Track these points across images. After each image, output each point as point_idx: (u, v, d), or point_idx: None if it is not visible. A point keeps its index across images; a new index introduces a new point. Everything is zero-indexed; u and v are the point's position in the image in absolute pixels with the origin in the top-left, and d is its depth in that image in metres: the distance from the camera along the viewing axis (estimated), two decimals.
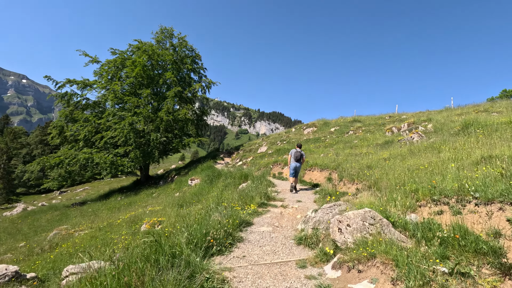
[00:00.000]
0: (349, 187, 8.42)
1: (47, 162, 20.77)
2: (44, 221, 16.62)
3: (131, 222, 8.48)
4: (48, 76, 22.74)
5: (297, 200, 7.84)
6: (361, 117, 26.42)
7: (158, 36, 28.13)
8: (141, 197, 17.87)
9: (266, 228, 5.41)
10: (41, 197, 52.11)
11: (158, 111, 23.96)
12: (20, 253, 7.95)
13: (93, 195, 31.76)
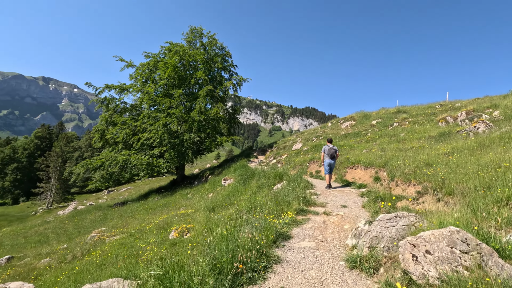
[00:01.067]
0: (404, 188, 7.11)
1: (90, 165, 21.79)
2: (88, 221, 17.32)
3: (161, 228, 8.07)
4: (89, 83, 23.89)
5: (342, 205, 6.74)
6: (405, 107, 23.99)
7: (188, 37, 28.24)
8: (176, 198, 17.84)
9: (307, 243, 4.47)
10: (92, 196, 56.25)
11: (190, 111, 23.98)
12: (55, 259, 7.96)
13: (134, 195, 33.13)
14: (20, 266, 8.22)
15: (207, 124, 23.29)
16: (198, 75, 24.47)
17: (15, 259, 9.45)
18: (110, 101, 24.73)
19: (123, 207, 21.00)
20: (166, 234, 7.20)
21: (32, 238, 14.92)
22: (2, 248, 12.87)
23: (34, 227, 20.31)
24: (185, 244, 5.77)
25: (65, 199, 56.12)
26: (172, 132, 22.22)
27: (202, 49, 27.54)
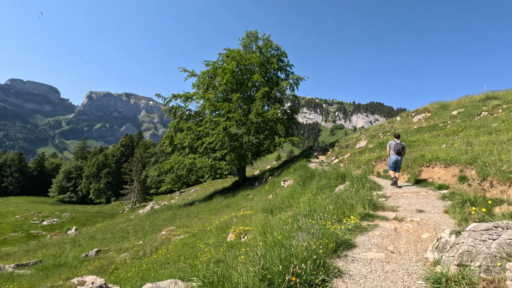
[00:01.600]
0: (502, 190, 5.73)
1: (161, 168, 23.95)
2: (161, 220, 18.97)
3: (220, 229, 8.19)
4: (158, 94, 26.35)
5: (417, 209, 5.77)
6: (497, 93, 20.12)
7: (244, 41, 28.91)
8: (238, 199, 18.24)
9: (375, 254, 3.84)
10: (166, 197, 62.14)
11: (248, 113, 24.40)
12: (131, 254, 8.80)
13: (201, 195, 35.29)
14: (104, 258, 9.32)
15: (265, 126, 23.39)
16: (254, 78, 24.80)
17: (102, 252, 10.80)
18: (176, 109, 26.87)
19: (191, 207, 22.46)
20: (225, 235, 7.24)
21: (117, 233, 17.00)
22: (94, 242, 14.95)
23: (119, 224, 23.18)
24: (241, 247, 5.65)
25: (145, 199, 63.28)
26: (232, 135, 22.92)
27: (258, 52, 27.86)
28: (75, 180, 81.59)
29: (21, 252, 15.09)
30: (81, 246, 13.98)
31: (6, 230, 38.69)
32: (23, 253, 14.61)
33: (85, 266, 8.63)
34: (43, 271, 8.95)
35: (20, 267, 10.07)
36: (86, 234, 19.96)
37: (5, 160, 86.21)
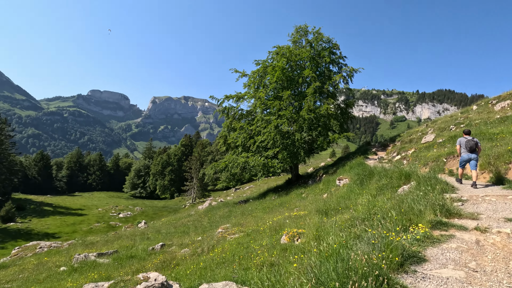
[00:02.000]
0: None
1: (217, 167, 25.01)
2: (218, 217, 19.81)
3: (274, 230, 8.11)
4: (212, 96, 27.52)
5: (506, 217, 4.83)
6: None
7: (294, 37, 28.34)
8: (291, 198, 18.01)
9: (452, 271, 3.30)
10: (222, 193, 65.02)
11: (300, 110, 23.89)
12: (191, 249, 9.32)
13: (255, 193, 35.92)
14: (167, 253, 10.07)
15: (317, 122, 22.63)
16: (305, 73, 24.14)
17: (166, 246, 11.71)
18: (229, 109, 27.71)
19: (245, 204, 22.98)
20: (278, 237, 7.14)
21: (179, 228, 18.30)
22: (159, 235, 16.33)
23: (181, 219, 24.95)
24: (295, 251, 5.47)
25: (203, 195, 67.22)
26: (284, 133, 22.72)
27: (308, 46, 27.04)
28: (144, 177, 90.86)
29: (102, 242, 17.33)
30: (149, 239, 15.42)
31: (91, 220, 45.06)
32: (103, 243, 16.74)
33: (151, 259, 9.44)
34: (118, 261, 10.09)
35: (101, 256, 11.54)
36: (153, 228, 21.97)
37: (89, 160, 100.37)
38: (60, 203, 58.95)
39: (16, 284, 9.95)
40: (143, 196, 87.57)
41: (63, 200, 63.68)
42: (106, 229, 38.41)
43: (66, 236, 35.15)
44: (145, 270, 7.70)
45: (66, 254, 15.18)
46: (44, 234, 36.54)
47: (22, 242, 30.90)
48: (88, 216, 48.02)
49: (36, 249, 19.76)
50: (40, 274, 10.74)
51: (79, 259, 11.52)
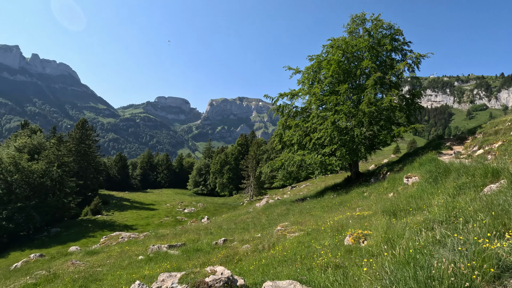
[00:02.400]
0: None
1: (273, 165, 25.15)
2: (275, 214, 19.94)
3: (335, 230, 7.78)
4: (266, 95, 27.75)
5: None
6: None
7: (350, 27, 26.86)
8: (352, 196, 17.13)
9: None
10: (279, 191, 65.34)
11: (358, 104, 22.54)
12: (252, 246, 9.55)
13: (312, 191, 35.15)
14: (230, 248, 10.50)
15: (379, 116, 21.07)
16: (363, 65, 22.66)
17: (228, 241, 12.23)
18: (283, 107, 27.61)
19: (303, 203, 22.65)
20: (341, 238, 6.82)
21: (239, 225, 18.96)
22: (221, 231, 17.16)
23: (240, 215, 25.80)
24: (362, 253, 5.15)
25: (260, 193, 68.49)
26: (341, 129, 21.72)
27: (366, 35, 25.31)
28: (205, 176, 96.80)
29: (171, 235, 18.99)
30: (212, 234, 16.33)
31: (161, 215, 49.77)
32: (172, 236, 18.32)
33: (215, 253, 9.96)
34: (186, 254, 10.93)
35: (171, 248, 12.65)
36: (215, 223, 23.20)
37: (158, 160, 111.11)
38: (135, 199, 66.56)
39: (105, 268, 11.55)
40: (204, 193, 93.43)
41: (138, 196, 71.74)
42: (174, 223, 42.02)
43: (141, 228, 39.53)
44: (210, 263, 8.16)
45: (142, 244, 17.04)
46: (124, 225, 41.67)
47: (107, 232, 35.82)
48: (158, 211, 53.16)
49: (118, 238, 22.66)
50: (123, 261, 12.26)
51: (154, 249, 12.82)
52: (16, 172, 38.46)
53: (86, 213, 49.12)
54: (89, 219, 45.42)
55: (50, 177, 42.91)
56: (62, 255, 19.03)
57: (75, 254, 18.22)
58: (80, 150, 61.66)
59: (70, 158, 54.44)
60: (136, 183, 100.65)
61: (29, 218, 37.44)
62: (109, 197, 65.20)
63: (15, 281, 12.40)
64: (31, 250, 31.04)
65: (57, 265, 14.17)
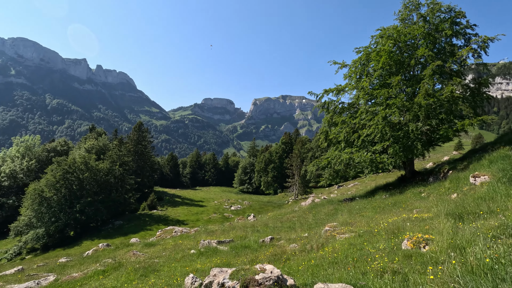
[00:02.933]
0: None
1: (319, 164, 24.47)
2: (323, 214, 19.39)
3: (391, 233, 7.23)
4: (311, 92, 27.13)
5: None
6: None
7: (402, 14, 24.89)
8: (407, 197, 15.85)
9: None
10: (325, 190, 63.57)
11: (413, 97, 20.77)
12: (299, 245, 9.40)
13: (361, 191, 33.43)
14: (277, 246, 10.49)
15: (438, 108, 19.12)
16: (418, 54, 20.79)
17: (274, 239, 12.24)
18: (329, 104, 26.68)
19: (352, 203, 21.66)
20: (398, 241, 6.32)
21: (285, 223, 18.86)
22: (268, 229, 17.24)
23: (286, 214, 25.67)
24: (424, 260, 4.70)
25: (305, 192, 67.40)
26: (394, 125, 20.24)
27: (422, 21, 23.18)
28: (250, 174, 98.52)
29: (219, 231, 19.69)
30: (258, 231, 16.51)
31: (210, 211, 51.99)
32: (221, 232, 18.98)
33: (263, 251, 10.03)
34: (234, 250, 11.22)
35: (220, 244, 13.11)
36: (261, 221, 23.43)
37: (205, 160, 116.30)
38: (186, 196, 70.60)
39: (162, 260, 12.44)
40: (249, 191, 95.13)
41: (188, 193, 75.97)
42: (221, 220, 43.55)
43: (192, 223, 41.78)
44: (259, 261, 8.24)
45: (193, 239, 17.97)
46: (176, 220, 44.47)
47: (162, 226, 38.60)
48: (207, 208, 55.63)
49: (172, 232, 24.24)
50: (177, 254, 13.07)
51: (204, 244, 13.43)
52: (86, 171, 43.54)
53: (144, 208, 53.55)
54: (146, 214, 49.45)
55: (113, 175, 47.72)
56: (125, 246, 21.01)
57: (135, 245, 19.98)
58: (137, 150, 67.44)
59: (129, 158, 59.82)
60: (186, 181, 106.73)
61: (97, 212, 42.14)
62: (163, 194, 70.20)
63: (88, 267, 14.03)
64: (99, 240, 34.92)
65: (121, 255, 15.68)
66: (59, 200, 39.69)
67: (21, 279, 13.66)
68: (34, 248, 37.42)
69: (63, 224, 38.30)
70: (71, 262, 18.08)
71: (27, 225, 38.17)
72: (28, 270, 17.51)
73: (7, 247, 40.26)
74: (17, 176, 57.02)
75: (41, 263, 21.54)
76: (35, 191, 38.59)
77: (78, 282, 10.92)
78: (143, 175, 64.38)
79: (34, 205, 38.34)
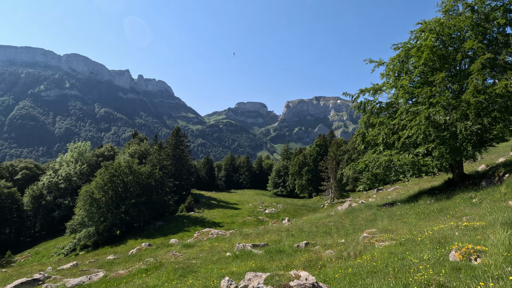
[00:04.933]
0: None
1: (356, 167, 23.51)
2: (360, 219, 18.59)
3: (436, 242, 6.69)
4: (345, 92, 26.22)
5: None
6: None
7: (445, 5, 23.18)
8: (455, 203, 14.59)
9: None
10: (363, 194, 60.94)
11: (460, 94, 19.16)
12: (335, 252, 9.10)
13: (403, 195, 31.48)
14: (312, 252, 10.27)
15: (490, 105, 17.42)
16: (466, 46, 19.17)
17: (310, 245, 12.01)
18: (365, 104, 25.60)
19: (392, 208, 20.49)
20: (444, 252, 5.84)
21: (321, 228, 18.40)
22: (303, 233, 16.97)
23: (321, 219, 25.05)
24: (475, 274, 4.30)
25: (342, 196, 65.26)
26: (439, 125, 18.83)
27: (468, 12, 21.36)
28: (284, 177, 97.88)
29: (254, 234, 19.82)
30: (293, 236, 16.32)
31: (244, 214, 52.58)
32: (255, 235, 19.09)
33: (298, 256, 9.90)
34: (269, 254, 11.22)
35: (255, 247, 13.19)
36: (296, 225, 23.13)
37: (239, 163, 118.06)
38: (221, 198, 72.20)
39: (199, 261, 12.87)
40: (283, 194, 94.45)
41: (223, 196, 77.63)
42: (256, 223, 43.79)
43: (227, 226, 42.59)
44: (293, 266, 8.14)
45: (228, 241, 18.31)
46: (212, 222, 45.65)
47: (199, 228, 39.88)
48: (241, 210, 56.33)
49: (208, 234, 24.94)
50: (213, 256, 13.43)
51: (239, 247, 13.62)
52: (130, 174, 46.63)
53: (182, 209, 55.83)
54: (184, 215, 51.47)
55: (154, 178, 50.49)
56: (165, 246, 22.07)
57: (174, 246, 20.89)
58: (175, 154, 70.65)
59: (168, 162, 62.89)
60: (221, 183, 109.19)
61: (140, 213, 44.86)
62: (199, 196, 72.55)
63: (132, 265, 14.98)
64: (142, 240, 37.10)
65: (161, 255, 16.49)
66: (107, 201, 42.98)
67: (76, 274, 15.00)
68: (86, 245, 40.88)
69: (110, 223, 41.36)
70: (118, 259, 19.43)
71: (80, 223, 41.89)
72: (81, 265, 19.17)
73: (63, 243, 44.54)
74: (71, 179, 63.02)
75: (92, 259, 23.46)
76: (87, 193, 42.24)
77: (124, 279, 11.71)
78: (181, 178, 67.18)
79: (86, 206, 41.98)
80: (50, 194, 61.37)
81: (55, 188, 61.86)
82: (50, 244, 49.12)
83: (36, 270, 18.76)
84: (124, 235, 42.76)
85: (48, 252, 43.62)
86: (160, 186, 52.23)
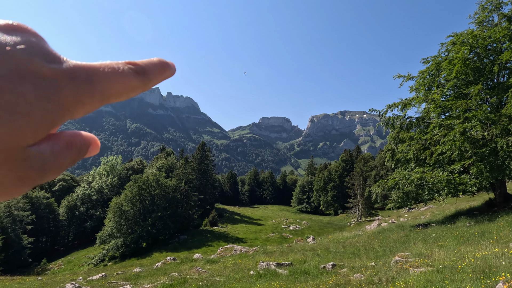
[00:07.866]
0: None
1: (385, 184, 22.51)
2: (391, 241, 17.54)
3: (480, 271, 6.10)
4: (372, 109, 25.55)
5: None
6: None
7: (478, 17, 22.34)
8: (499, 226, 13.36)
9: None
10: (393, 213, 57.84)
11: (500, 108, 17.96)
12: (365, 276, 8.58)
13: (438, 215, 29.47)
14: (339, 274, 9.78)
15: None
16: (503, 58, 18.14)
17: (337, 266, 11.47)
18: (394, 119, 24.76)
19: (426, 229, 19.17)
20: (490, 284, 5.30)
21: (348, 248, 17.58)
22: (329, 254, 16.29)
23: (349, 238, 23.97)
24: None
25: (370, 214, 62.30)
26: (476, 140, 17.65)
27: (505, 22, 20.32)
28: (308, 193, 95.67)
29: (278, 252, 19.34)
30: (319, 256, 15.71)
31: (268, 230, 51.70)
32: (279, 254, 18.63)
33: (324, 278, 9.46)
34: (293, 275, 10.83)
35: (279, 266, 12.83)
36: (321, 244, 22.29)
37: (263, 178, 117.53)
38: (245, 213, 71.80)
39: (222, 279, 12.73)
40: (308, 210, 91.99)
41: (246, 211, 77.19)
42: (280, 240, 42.81)
43: (250, 242, 42.02)
44: None
45: (252, 259, 18.00)
46: (236, 238, 45.29)
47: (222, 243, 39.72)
48: (265, 226, 55.50)
49: (232, 251, 24.73)
50: (236, 274, 13.22)
51: (263, 266, 13.32)
52: (157, 187, 48.04)
53: (206, 224, 56.14)
54: (208, 230, 51.66)
55: (179, 191, 51.58)
56: (189, 261, 22.14)
57: (198, 261, 20.90)
58: (200, 168, 71.99)
59: (193, 176, 64.13)
60: (245, 198, 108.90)
61: (166, 226, 45.71)
62: (223, 211, 72.71)
63: (157, 279, 15.14)
64: (167, 253, 37.56)
65: (185, 270, 16.54)
66: (135, 213, 44.40)
67: (104, 285, 15.41)
68: (114, 256, 42.14)
69: (137, 235, 42.47)
70: (143, 272, 19.75)
71: (109, 235, 43.44)
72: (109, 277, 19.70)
73: (94, 253, 46.26)
74: (103, 191, 66.16)
75: (119, 271, 24.05)
76: (116, 205, 43.97)
77: None
78: (205, 192, 68.01)
79: (115, 217, 43.60)
80: (83, 205, 64.67)
81: (88, 199, 65.16)
82: (81, 254, 51.24)
83: (68, 280, 19.54)
84: (149, 247, 43.61)
85: (79, 262, 45.47)
86: (185, 199, 53.16)
